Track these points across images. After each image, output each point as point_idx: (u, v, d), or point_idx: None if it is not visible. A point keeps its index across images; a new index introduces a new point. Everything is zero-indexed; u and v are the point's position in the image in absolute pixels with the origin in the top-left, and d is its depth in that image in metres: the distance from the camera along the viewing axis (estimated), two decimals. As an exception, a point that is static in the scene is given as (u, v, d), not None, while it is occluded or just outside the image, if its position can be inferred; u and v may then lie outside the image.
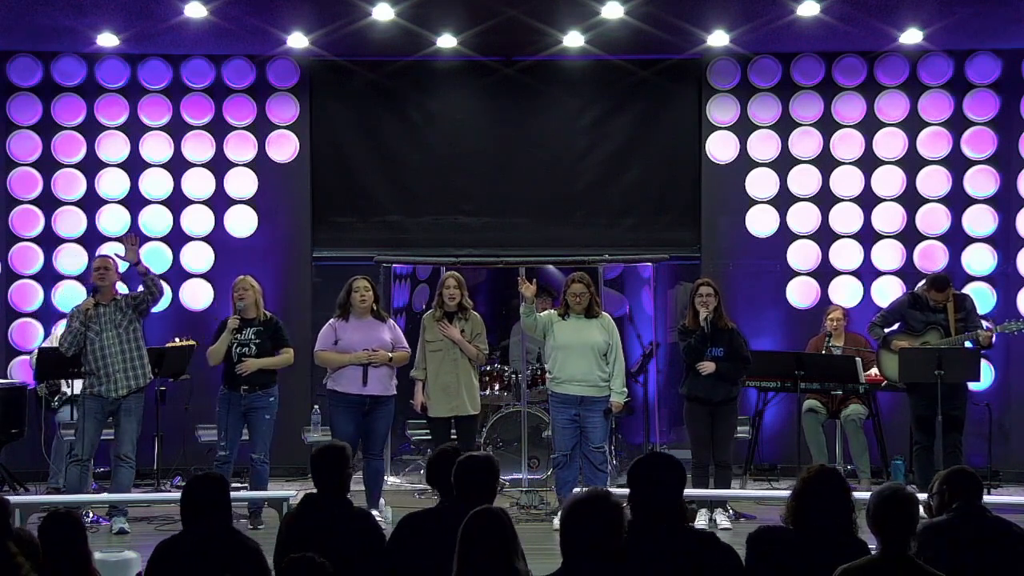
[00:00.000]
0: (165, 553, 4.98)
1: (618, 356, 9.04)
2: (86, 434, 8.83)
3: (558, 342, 9.00)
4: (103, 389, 8.86)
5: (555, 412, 9.06)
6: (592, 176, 11.75)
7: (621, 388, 9.05)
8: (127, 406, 8.91)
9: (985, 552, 4.99)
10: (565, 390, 8.95)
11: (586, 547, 4.15)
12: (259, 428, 9.06)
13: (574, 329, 8.99)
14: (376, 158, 11.77)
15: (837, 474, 4.79)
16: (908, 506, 4.48)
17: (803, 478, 4.74)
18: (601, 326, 9.04)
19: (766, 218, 11.54)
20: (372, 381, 8.94)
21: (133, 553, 6.98)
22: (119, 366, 8.88)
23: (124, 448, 8.90)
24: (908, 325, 9.91)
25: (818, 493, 4.66)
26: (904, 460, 10.55)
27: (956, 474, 5.26)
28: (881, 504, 4.49)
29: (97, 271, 9.04)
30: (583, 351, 8.93)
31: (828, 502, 4.65)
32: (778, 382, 10.23)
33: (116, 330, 8.91)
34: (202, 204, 11.57)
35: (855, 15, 10.30)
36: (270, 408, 9.09)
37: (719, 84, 11.52)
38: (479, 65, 11.53)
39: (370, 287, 9.12)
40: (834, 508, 4.65)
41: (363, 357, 8.92)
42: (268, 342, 9.11)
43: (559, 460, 8.98)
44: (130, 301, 9.03)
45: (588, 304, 9.01)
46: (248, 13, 10.28)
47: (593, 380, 8.93)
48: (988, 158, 11.39)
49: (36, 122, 11.42)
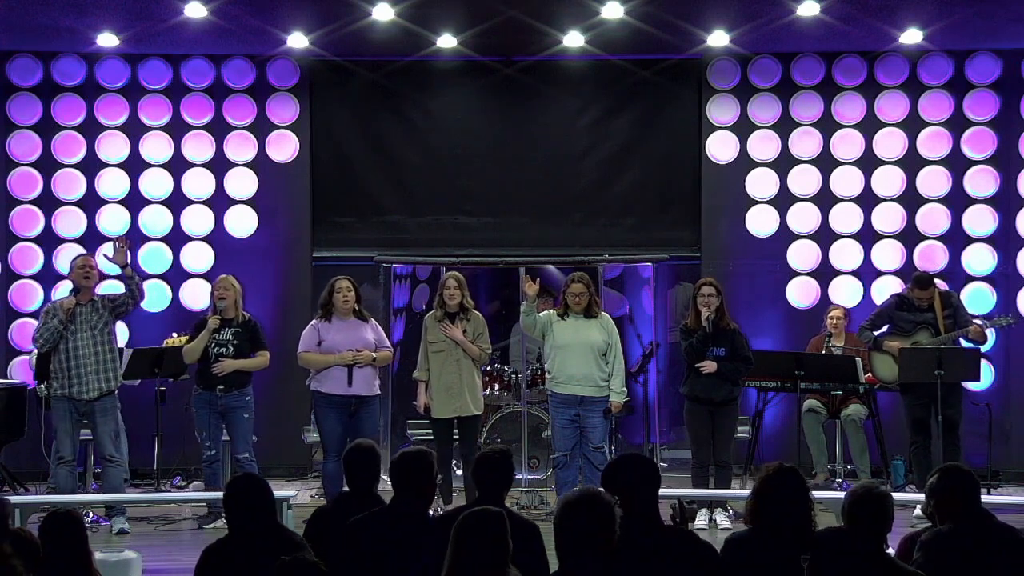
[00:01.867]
0: (213, 556, 4.97)
1: (617, 356, 9.04)
2: (67, 435, 8.79)
3: (557, 342, 9.00)
4: (74, 391, 8.78)
5: (555, 412, 9.06)
6: (592, 176, 11.75)
7: (620, 388, 9.04)
8: (101, 407, 8.85)
9: (991, 560, 4.84)
10: (565, 390, 8.94)
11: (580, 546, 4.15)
12: (239, 427, 9.06)
13: (573, 329, 8.99)
14: (376, 158, 11.77)
15: (795, 472, 4.76)
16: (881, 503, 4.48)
17: (761, 477, 4.74)
18: (600, 326, 9.04)
19: (766, 218, 11.54)
20: (357, 382, 8.93)
21: (133, 553, 6.99)
22: (91, 367, 8.81)
23: (107, 449, 8.86)
24: (897, 326, 9.99)
25: (775, 490, 4.65)
26: (904, 460, 10.54)
27: (951, 477, 5.03)
28: (854, 502, 4.50)
29: (82, 269, 8.92)
30: (582, 351, 8.92)
31: (785, 498, 4.64)
32: (778, 382, 10.23)
33: (91, 331, 8.84)
34: (202, 204, 11.57)
35: (855, 15, 10.30)
36: (247, 407, 9.10)
37: (719, 84, 11.52)
38: (479, 65, 11.53)
39: (352, 287, 9.08)
40: (791, 503, 4.63)
41: (348, 358, 8.90)
42: (246, 343, 9.09)
43: (559, 460, 8.98)
44: (107, 303, 8.94)
45: (588, 304, 9.00)
46: (248, 13, 10.27)
47: (593, 380, 8.93)
48: (988, 158, 11.39)
49: (36, 122, 11.42)
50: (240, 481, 5.16)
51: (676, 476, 10.42)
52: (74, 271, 9.00)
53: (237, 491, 5.06)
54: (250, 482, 5.13)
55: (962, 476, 5.03)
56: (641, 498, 4.60)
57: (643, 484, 4.65)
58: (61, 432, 8.84)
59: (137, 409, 10.65)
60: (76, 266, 9.01)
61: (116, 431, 9.01)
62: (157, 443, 10.07)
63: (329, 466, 8.94)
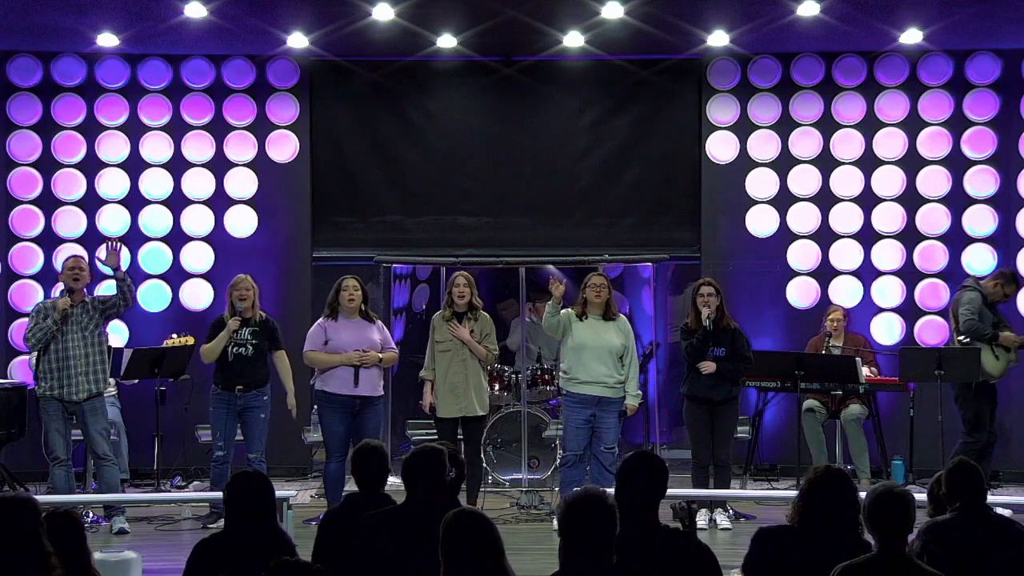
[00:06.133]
0: (204, 550, 4.99)
1: (633, 359, 9.04)
2: (60, 435, 8.77)
3: (576, 342, 8.97)
4: (64, 392, 8.74)
5: (570, 412, 9.00)
6: (592, 176, 11.75)
7: (636, 391, 9.04)
8: (91, 407, 8.80)
9: (987, 551, 4.99)
10: (583, 390, 8.92)
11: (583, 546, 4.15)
12: (254, 427, 9.07)
13: (592, 330, 8.97)
14: (376, 158, 11.77)
15: (844, 474, 4.77)
16: (903, 504, 4.48)
17: (810, 478, 4.73)
18: (618, 329, 9.03)
19: (766, 218, 11.54)
20: (363, 382, 8.90)
21: (133, 553, 6.99)
22: (81, 369, 8.76)
23: (101, 447, 8.83)
24: (981, 321, 9.84)
25: (826, 492, 4.66)
26: (904, 460, 10.55)
27: (960, 471, 5.22)
28: (876, 502, 4.50)
29: (71, 271, 8.85)
30: (600, 352, 8.91)
31: (836, 502, 4.64)
32: (778, 382, 10.22)
33: (82, 332, 8.79)
34: (202, 204, 11.57)
35: (855, 15, 10.30)
36: (265, 407, 9.10)
37: (719, 84, 11.53)
38: (479, 65, 11.53)
39: (359, 287, 9.06)
40: (841, 508, 4.64)
41: (355, 358, 8.88)
42: (265, 342, 9.10)
43: (568, 459, 8.95)
44: (98, 305, 8.88)
45: (606, 304, 9.00)
46: (248, 13, 10.28)
47: (610, 382, 8.92)
48: (988, 158, 11.39)
49: (36, 122, 11.43)
50: (243, 478, 5.15)
51: (676, 476, 10.41)
52: (63, 272, 8.96)
53: (239, 488, 5.06)
54: (253, 480, 5.13)
55: (971, 473, 5.22)
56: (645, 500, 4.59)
57: (651, 487, 4.64)
58: (53, 432, 8.80)
59: (137, 409, 10.67)
60: (66, 267, 8.95)
61: (108, 429, 9.00)
62: (157, 443, 10.07)
63: (331, 467, 8.92)
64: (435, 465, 5.26)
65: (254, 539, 4.92)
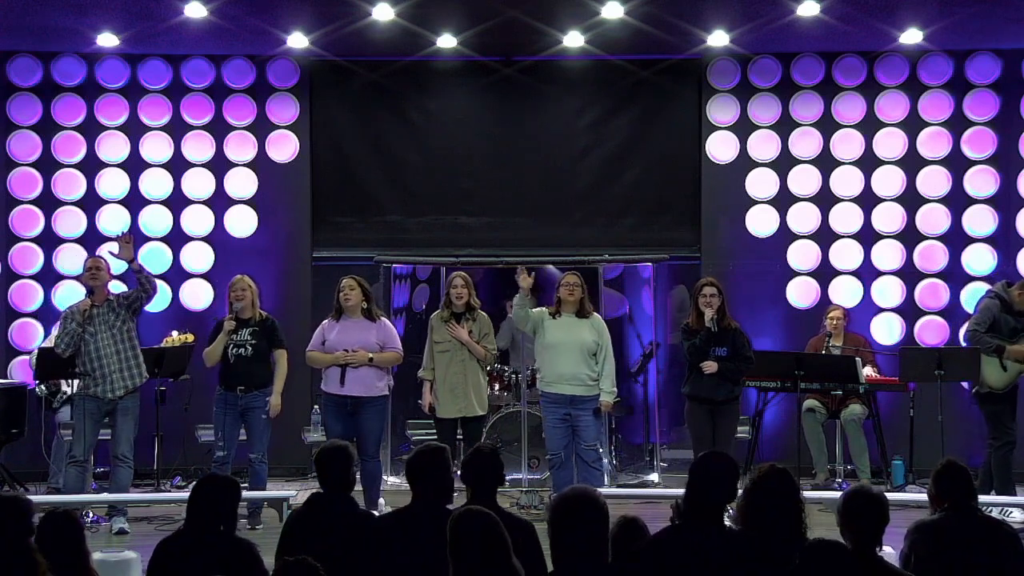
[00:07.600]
0: (164, 551, 5.02)
1: (607, 357, 9.03)
2: (83, 435, 8.81)
3: (547, 340, 9.00)
4: (99, 390, 8.83)
5: (546, 412, 9.05)
6: (592, 176, 11.75)
7: (610, 388, 9.03)
8: (124, 406, 8.88)
9: (975, 552, 5.00)
10: (555, 389, 8.95)
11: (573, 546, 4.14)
12: (256, 428, 9.06)
13: (565, 328, 8.99)
14: (376, 158, 11.77)
15: (787, 474, 4.75)
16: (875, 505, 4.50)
17: (754, 479, 4.73)
18: (592, 326, 9.04)
19: (766, 218, 11.54)
20: (351, 382, 8.88)
21: (133, 553, 6.98)
22: (115, 367, 8.85)
23: (121, 448, 8.88)
24: (998, 329, 9.43)
25: (769, 493, 4.64)
26: (904, 460, 10.54)
27: (948, 472, 5.22)
28: (849, 503, 4.51)
29: (89, 271, 8.97)
30: (571, 350, 8.92)
31: (779, 501, 4.63)
32: (778, 382, 10.20)
33: (111, 331, 8.87)
34: (202, 204, 11.57)
35: (855, 15, 10.30)
36: (266, 408, 9.09)
37: (719, 84, 11.53)
38: (479, 65, 11.53)
39: (355, 285, 9.03)
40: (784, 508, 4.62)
41: (340, 358, 8.88)
42: (264, 342, 9.10)
43: (553, 460, 8.97)
44: (123, 301, 8.97)
45: (580, 302, 9.01)
46: (248, 13, 10.27)
47: (582, 379, 8.93)
48: (988, 158, 11.39)
49: (36, 122, 11.43)
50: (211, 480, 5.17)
51: (676, 476, 10.42)
52: (83, 273, 9.13)
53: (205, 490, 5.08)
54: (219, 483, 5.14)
55: (958, 474, 5.22)
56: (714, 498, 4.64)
57: (724, 487, 4.69)
58: (77, 431, 8.87)
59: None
60: (85, 268, 9.13)
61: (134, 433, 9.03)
62: (157, 443, 10.07)
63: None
64: (439, 463, 5.26)
65: (215, 543, 4.94)
